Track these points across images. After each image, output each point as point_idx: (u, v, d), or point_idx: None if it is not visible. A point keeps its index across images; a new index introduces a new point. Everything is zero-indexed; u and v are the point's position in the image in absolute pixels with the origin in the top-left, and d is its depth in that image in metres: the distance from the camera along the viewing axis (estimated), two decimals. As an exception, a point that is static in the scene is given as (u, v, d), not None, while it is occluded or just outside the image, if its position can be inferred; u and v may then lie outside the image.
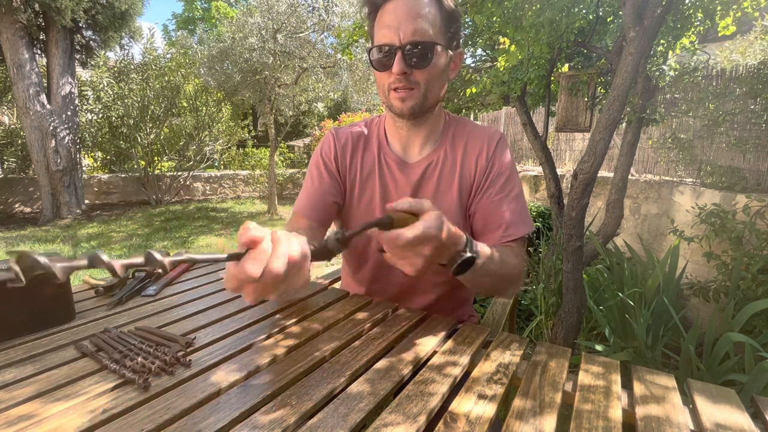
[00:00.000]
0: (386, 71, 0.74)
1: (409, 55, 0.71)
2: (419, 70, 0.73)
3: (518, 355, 0.60)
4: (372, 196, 0.87)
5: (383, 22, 0.73)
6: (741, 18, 2.13)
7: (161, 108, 6.91)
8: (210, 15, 18.69)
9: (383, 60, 0.74)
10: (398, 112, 0.78)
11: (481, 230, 0.83)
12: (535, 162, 5.34)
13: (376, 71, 0.77)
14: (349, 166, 0.88)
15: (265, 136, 11.30)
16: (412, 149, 0.86)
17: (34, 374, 0.53)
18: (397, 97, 0.75)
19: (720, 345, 1.72)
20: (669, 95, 2.88)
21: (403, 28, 0.70)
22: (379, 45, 0.73)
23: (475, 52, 3.26)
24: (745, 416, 0.48)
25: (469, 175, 0.84)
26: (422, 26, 0.71)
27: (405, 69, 0.72)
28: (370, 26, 0.79)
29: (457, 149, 0.85)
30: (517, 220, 0.79)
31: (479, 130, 0.86)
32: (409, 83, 0.74)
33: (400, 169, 0.85)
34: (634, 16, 1.50)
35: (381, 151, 0.87)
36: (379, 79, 0.78)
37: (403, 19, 0.71)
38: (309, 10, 5.98)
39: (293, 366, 0.55)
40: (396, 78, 0.73)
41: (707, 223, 2.43)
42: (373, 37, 0.77)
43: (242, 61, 5.91)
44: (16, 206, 6.36)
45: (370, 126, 0.91)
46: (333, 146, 0.88)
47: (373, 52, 0.75)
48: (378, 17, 0.75)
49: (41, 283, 0.67)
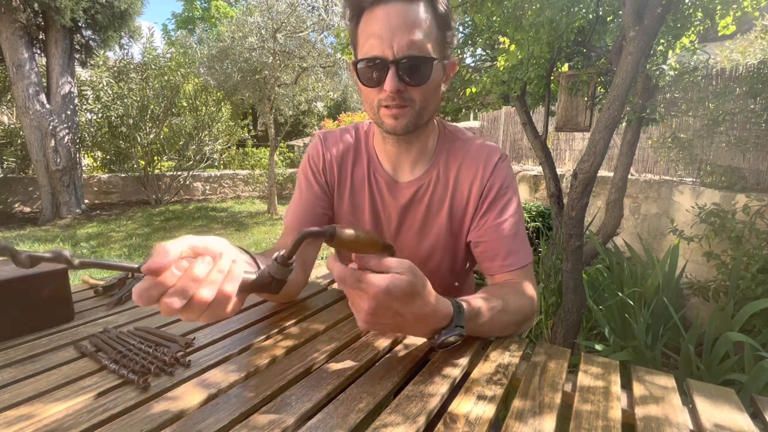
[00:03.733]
0: (376, 87, 0.66)
1: (404, 71, 0.63)
2: (415, 87, 0.65)
3: (517, 355, 0.60)
4: (362, 212, 0.82)
5: (372, 31, 0.63)
6: (741, 17, 2.13)
7: (161, 107, 6.91)
8: (210, 14, 18.68)
9: (372, 74, 0.65)
10: (390, 130, 0.70)
11: (480, 258, 0.78)
12: (534, 161, 5.34)
13: (364, 86, 0.67)
14: (339, 179, 0.82)
15: (264, 135, 11.30)
16: (402, 168, 0.79)
17: (34, 374, 0.53)
18: (389, 115, 0.67)
19: (720, 344, 1.72)
20: (669, 95, 2.88)
21: (397, 39, 0.61)
22: (367, 57, 0.64)
23: (475, 52, 3.26)
24: (745, 416, 0.48)
25: (461, 199, 0.78)
26: (418, 38, 0.62)
27: (399, 86, 0.63)
28: (352, 32, 0.69)
29: (450, 171, 0.78)
30: (518, 248, 0.74)
31: (476, 150, 0.78)
32: (403, 101, 0.66)
33: (389, 190, 0.79)
34: (634, 15, 1.50)
35: (371, 167, 0.81)
36: (367, 95, 0.69)
37: (396, 28, 0.61)
38: (308, 9, 5.98)
39: (292, 367, 0.55)
40: (389, 96, 0.65)
41: (707, 222, 2.43)
42: (357, 45, 0.68)
43: (242, 61, 5.91)
44: (15, 206, 6.36)
45: (359, 134, 0.84)
46: (321, 154, 0.82)
47: (359, 64, 0.65)
48: (364, 23, 0.65)
49: (41, 283, 0.67)
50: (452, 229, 0.79)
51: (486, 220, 0.76)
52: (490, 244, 0.75)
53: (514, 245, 0.74)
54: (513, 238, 0.74)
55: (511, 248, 0.74)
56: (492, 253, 0.75)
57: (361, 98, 0.78)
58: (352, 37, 0.69)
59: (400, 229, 0.81)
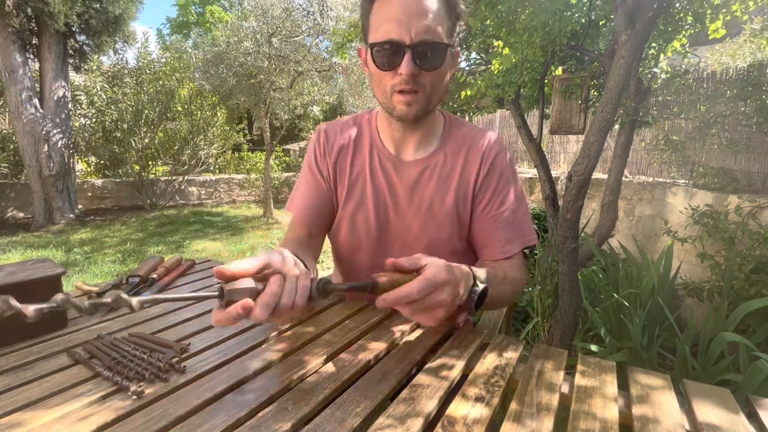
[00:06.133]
0: (391, 71, 0.67)
1: (420, 56, 0.64)
2: (429, 72, 0.66)
3: (515, 357, 0.60)
4: (361, 200, 0.82)
5: (388, 14, 0.64)
6: (730, 21, 2.17)
7: (155, 112, 6.88)
8: (204, 19, 18.68)
9: (388, 58, 0.65)
10: (402, 116, 0.71)
11: (480, 245, 0.81)
12: (530, 164, 5.37)
13: (378, 70, 0.68)
14: (338, 170, 0.83)
15: (260, 139, 11.28)
16: (406, 148, 0.81)
17: (26, 382, 0.53)
18: (403, 101, 0.68)
19: (714, 345, 1.73)
20: (661, 98, 2.91)
21: (415, 24, 0.63)
22: (384, 41, 0.64)
23: (469, 56, 3.28)
24: (740, 416, 0.48)
25: (468, 184, 0.80)
26: (434, 24, 0.64)
27: (415, 70, 0.65)
28: (364, 15, 0.70)
29: (458, 156, 0.80)
30: (516, 235, 0.77)
31: (481, 137, 0.81)
32: (416, 85, 0.67)
33: (394, 168, 0.80)
34: (625, 19, 1.52)
35: (373, 150, 0.82)
36: (381, 79, 0.69)
37: (414, 13, 0.63)
38: (304, 14, 6.00)
39: (289, 371, 0.55)
40: (403, 80, 0.66)
41: (700, 223, 2.46)
42: (369, 29, 0.68)
43: (237, 65, 5.91)
44: (8, 212, 6.28)
45: (360, 123, 0.85)
46: (323, 146, 0.84)
47: (375, 47, 0.66)
48: (379, 6, 0.66)
49: (32, 289, 0.66)
50: (458, 213, 0.81)
51: (489, 210, 0.79)
52: (490, 233, 0.78)
53: (513, 233, 0.77)
54: (512, 226, 0.78)
55: (509, 237, 0.77)
56: (492, 241, 0.78)
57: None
58: (364, 21, 0.70)
59: (408, 208, 0.82)
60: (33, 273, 0.67)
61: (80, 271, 3.69)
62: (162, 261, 0.99)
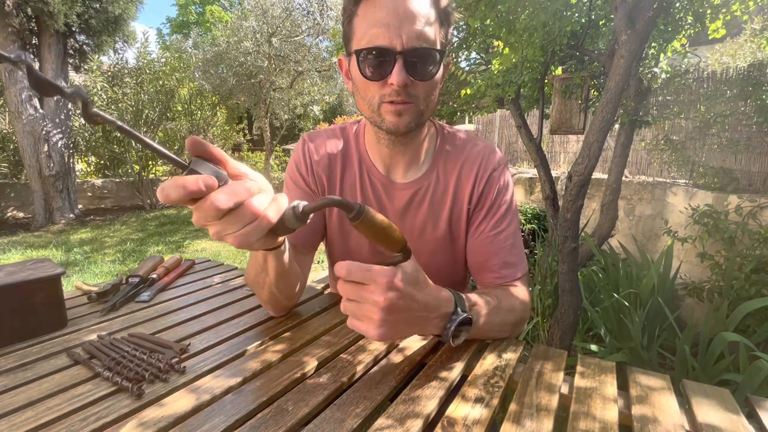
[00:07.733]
0: (380, 81, 0.60)
1: (411, 64, 0.58)
2: (422, 82, 0.61)
3: (514, 358, 0.60)
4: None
5: (375, 18, 0.57)
6: (730, 21, 2.16)
7: (156, 112, 6.89)
8: (204, 19, 18.68)
9: (376, 67, 0.59)
10: (392, 128, 0.64)
11: (476, 269, 0.75)
12: (530, 164, 5.37)
13: (365, 80, 0.61)
14: (328, 183, 0.76)
15: (260, 139, 11.27)
16: (396, 170, 0.75)
17: (25, 383, 0.53)
18: (393, 111, 0.61)
19: (714, 345, 1.73)
20: (661, 97, 2.91)
21: (405, 29, 0.56)
22: (371, 47, 0.58)
23: (469, 55, 3.27)
24: (740, 416, 0.48)
25: (461, 204, 0.75)
26: (426, 29, 0.58)
27: (407, 80, 0.58)
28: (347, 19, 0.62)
29: (450, 174, 0.74)
30: (514, 260, 0.72)
31: (477, 153, 0.75)
32: (408, 96, 0.61)
33: (385, 191, 0.75)
34: (625, 19, 1.51)
35: (364, 168, 0.76)
36: (367, 90, 0.62)
37: (404, 18, 0.56)
38: (304, 14, 6.00)
39: (289, 372, 0.55)
40: (394, 91, 0.59)
41: (700, 223, 2.46)
42: (353, 35, 0.61)
43: (237, 65, 5.92)
44: (8, 212, 6.28)
45: (347, 136, 0.78)
46: (308, 159, 0.77)
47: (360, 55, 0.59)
48: (364, 9, 0.59)
49: (32, 289, 0.66)
50: (452, 236, 0.76)
51: (482, 230, 0.73)
52: (485, 256, 0.73)
53: (510, 257, 0.72)
54: (509, 249, 0.72)
55: (506, 260, 0.72)
56: (487, 264, 0.73)
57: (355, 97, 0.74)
58: (346, 26, 0.63)
59: None
60: (33, 273, 0.67)
61: (80, 270, 3.69)
62: (162, 261, 0.99)
